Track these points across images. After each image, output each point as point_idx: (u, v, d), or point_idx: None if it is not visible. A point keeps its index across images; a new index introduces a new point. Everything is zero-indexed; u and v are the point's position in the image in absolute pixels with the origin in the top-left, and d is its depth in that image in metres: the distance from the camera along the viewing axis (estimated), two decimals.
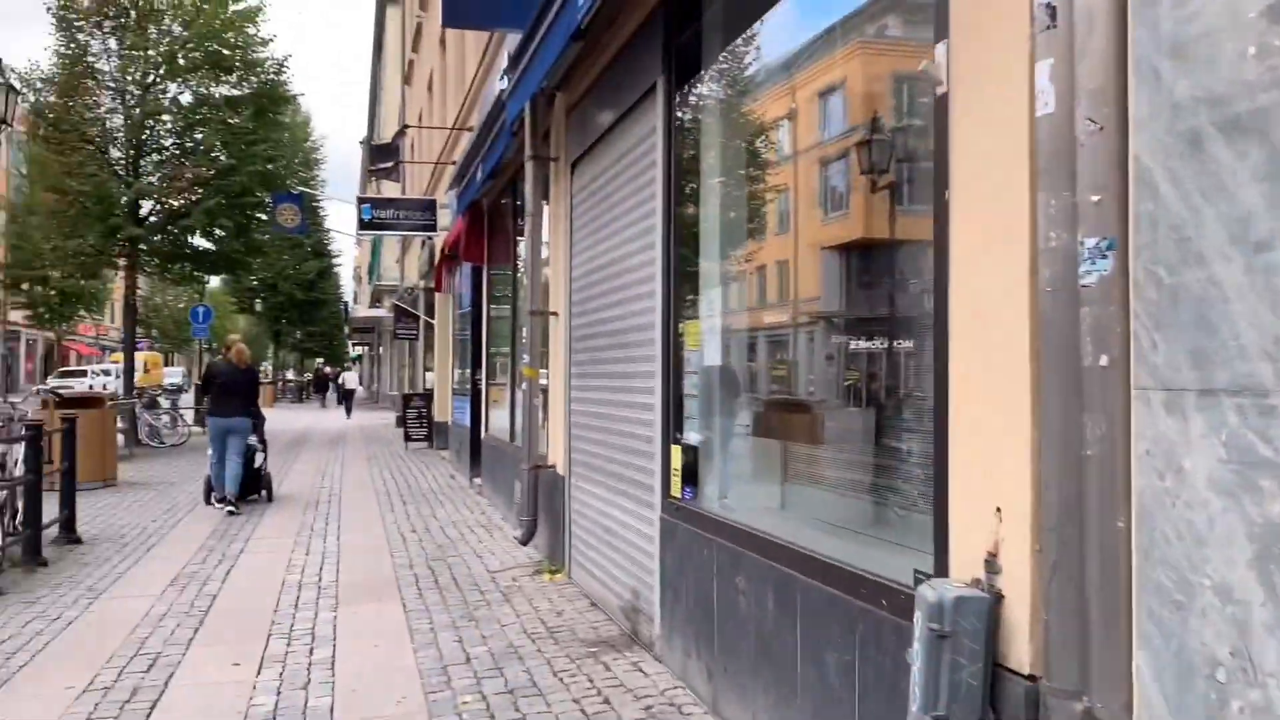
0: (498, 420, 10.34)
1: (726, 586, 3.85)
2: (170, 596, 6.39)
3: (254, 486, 10.94)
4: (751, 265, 4.25)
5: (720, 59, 4.56)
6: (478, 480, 11.49)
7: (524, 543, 7.18)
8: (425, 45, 19.21)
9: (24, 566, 7.25)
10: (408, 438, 17.47)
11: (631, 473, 5.30)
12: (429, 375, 19.72)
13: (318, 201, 52.34)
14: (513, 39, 7.36)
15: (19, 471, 7.64)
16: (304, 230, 36.68)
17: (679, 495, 4.58)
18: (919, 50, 2.73)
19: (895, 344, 3.04)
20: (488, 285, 10.98)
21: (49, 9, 18.02)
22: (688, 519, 4.40)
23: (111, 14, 18.32)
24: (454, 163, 13.71)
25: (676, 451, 4.64)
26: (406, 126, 12.42)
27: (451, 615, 5.80)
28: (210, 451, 10.65)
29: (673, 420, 4.69)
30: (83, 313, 52.60)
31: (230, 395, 10.58)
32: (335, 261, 60.16)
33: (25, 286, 48.35)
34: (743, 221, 4.34)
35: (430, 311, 19.22)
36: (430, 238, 17.58)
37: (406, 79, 24.22)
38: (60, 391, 9.56)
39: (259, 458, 10.98)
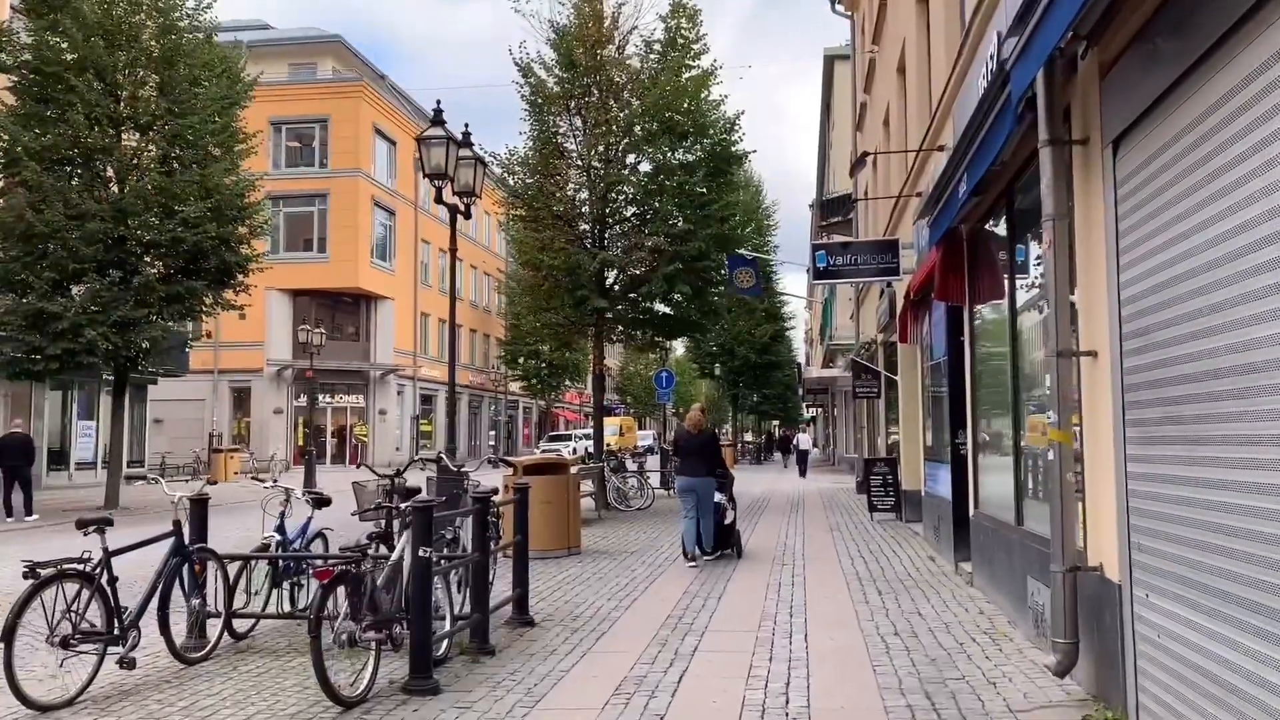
0: (992, 493, 8.36)
1: None
2: (611, 713, 5.30)
3: (724, 542, 11.61)
4: None
5: None
6: (965, 567, 9.52)
7: (1059, 674, 5.20)
8: (879, 81, 17.86)
9: (471, 654, 6.66)
10: (873, 508, 15.83)
11: (1271, 597, 3.25)
12: (892, 436, 17.97)
13: (771, 266, 53.37)
14: (1010, 6, 5.64)
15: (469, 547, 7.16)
16: (759, 292, 36.66)
17: None
18: None
19: None
20: (970, 328, 9.10)
21: (522, 96, 19.23)
22: None
23: (577, 94, 19.20)
24: (918, 194, 12.06)
25: None
26: (866, 155, 11.08)
27: None
28: (682, 510, 11.48)
29: None
30: (567, 382, 57.96)
31: (690, 457, 11.43)
32: (787, 324, 60.75)
33: (521, 360, 54.50)
34: None
35: (891, 367, 17.56)
36: (890, 284, 15.99)
37: (858, 124, 23.03)
38: (509, 459, 9.23)
39: (729, 515, 11.63)
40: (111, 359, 19.76)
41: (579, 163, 19.29)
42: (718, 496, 11.41)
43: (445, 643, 6.57)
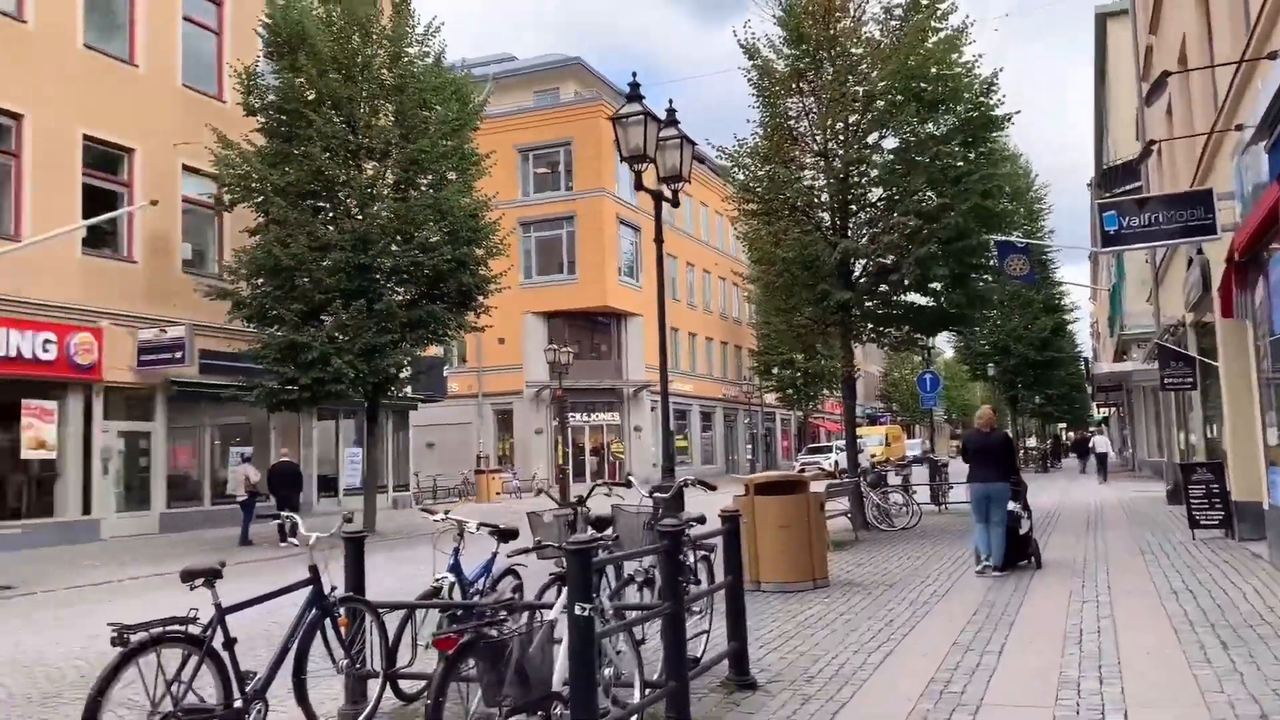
0: None
1: None
2: None
3: (1021, 553, 10.88)
4: None
5: None
6: None
7: None
8: (1171, 8, 14.88)
9: None
10: (1194, 523, 12.92)
11: None
12: (1214, 435, 14.88)
13: (1045, 254, 48.67)
14: None
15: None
16: (1033, 279, 33.01)
17: None
18: None
19: None
20: None
21: (749, 81, 17.72)
22: None
23: (808, 71, 17.47)
24: (1238, 127, 9.46)
25: None
26: (1166, 74, 8.62)
27: None
28: (973, 518, 10.85)
29: None
30: (825, 391, 55.55)
31: (984, 461, 10.71)
32: (1069, 317, 55.36)
33: (775, 370, 52.78)
34: None
35: (1205, 353, 14.51)
36: (1201, 248, 13.08)
37: (1143, 74, 19.74)
38: (707, 481, 7.66)
39: (1024, 524, 10.90)
40: (359, 386, 20.02)
41: (814, 146, 17.51)
42: (1011, 505, 10.62)
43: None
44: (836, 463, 39.97)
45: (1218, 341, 12.47)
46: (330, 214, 20.40)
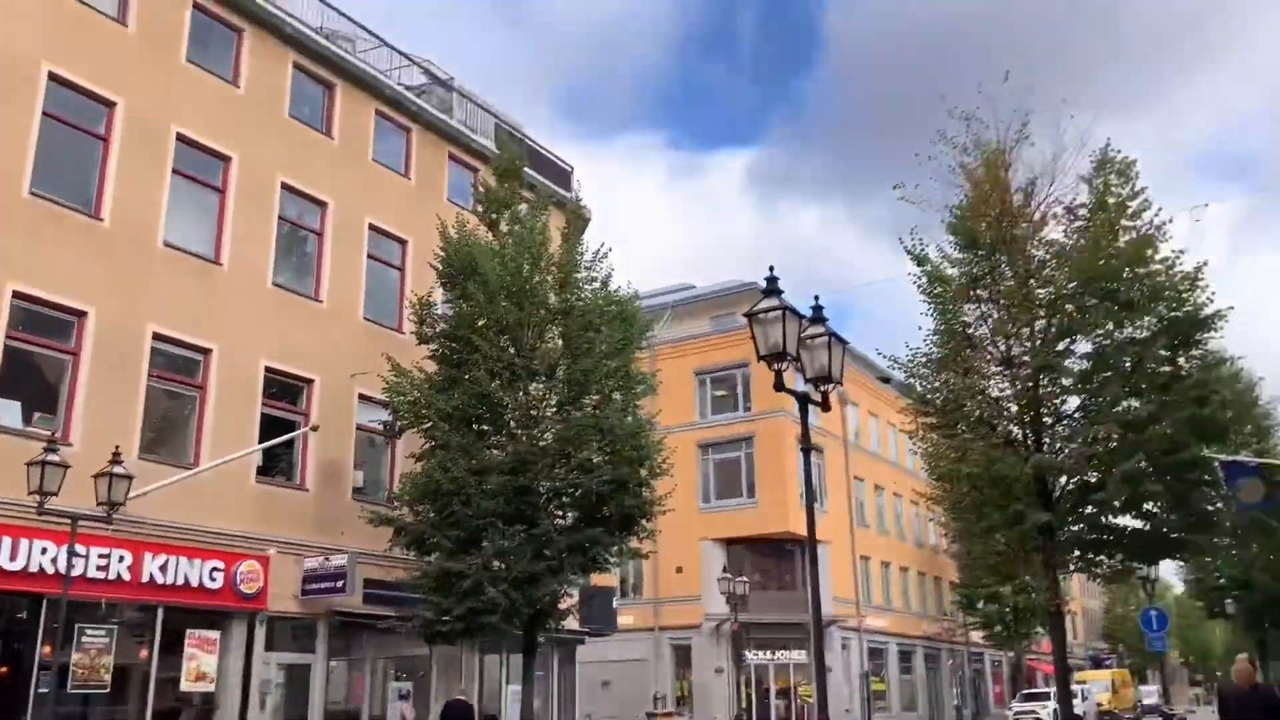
0: None
1: None
2: None
3: None
4: None
5: None
6: None
7: None
8: None
9: None
10: None
11: None
12: None
13: None
14: None
15: None
16: (1272, 504, 29.23)
17: None
18: None
19: None
20: None
21: (919, 287, 16.68)
22: None
23: (985, 276, 16.32)
24: None
25: None
26: None
27: None
28: None
29: None
30: (1039, 628, 50.28)
31: None
32: None
33: (979, 604, 48.35)
34: None
35: None
36: None
37: None
38: None
39: None
40: (514, 617, 19.04)
41: (996, 353, 16.07)
42: None
43: None
44: (1057, 711, 35.29)
45: None
46: (493, 436, 20.21)
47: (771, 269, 8.88)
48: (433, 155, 26.19)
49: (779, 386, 8.77)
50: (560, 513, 20.27)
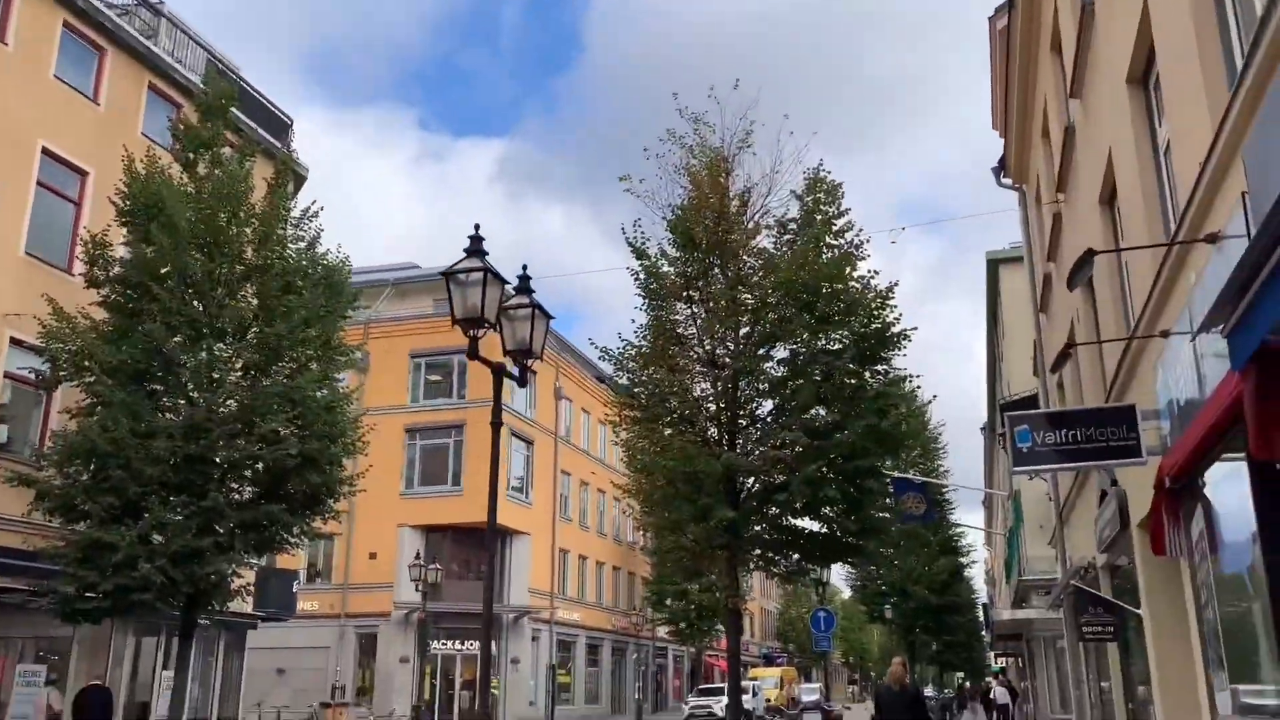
0: None
1: None
2: None
3: None
4: None
5: None
6: None
7: None
8: (1071, 231, 14.38)
9: None
10: None
11: None
12: (1141, 695, 13.16)
13: (942, 493, 48.20)
14: None
15: None
16: (931, 519, 31.86)
17: None
18: None
19: None
20: None
21: (636, 280, 16.67)
22: None
23: (697, 277, 16.54)
24: (1163, 334, 8.33)
25: None
26: (1092, 252, 7.42)
27: None
28: None
29: None
30: (719, 627, 52.73)
31: (894, 716, 11.12)
32: (965, 560, 54.59)
33: (668, 601, 49.95)
34: None
35: (1124, 593, 13.02)
36: (1114, 482, 11.84)
37: (1041, 305, 19.38)
38: None
39: None
40: (172, 596, 17.22)
41: (702, 353, 16.31)
42: None
43: None
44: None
45: (1140, 586, 10.95)
46: (165, 398, 18.20)
47: (476, 228, 8.23)
48: (130, 82, 23.45)
49: (473, 354, 8.14)
50: (237, 486, 18.59)
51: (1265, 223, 4.61)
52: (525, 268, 8.82)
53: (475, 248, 8.15)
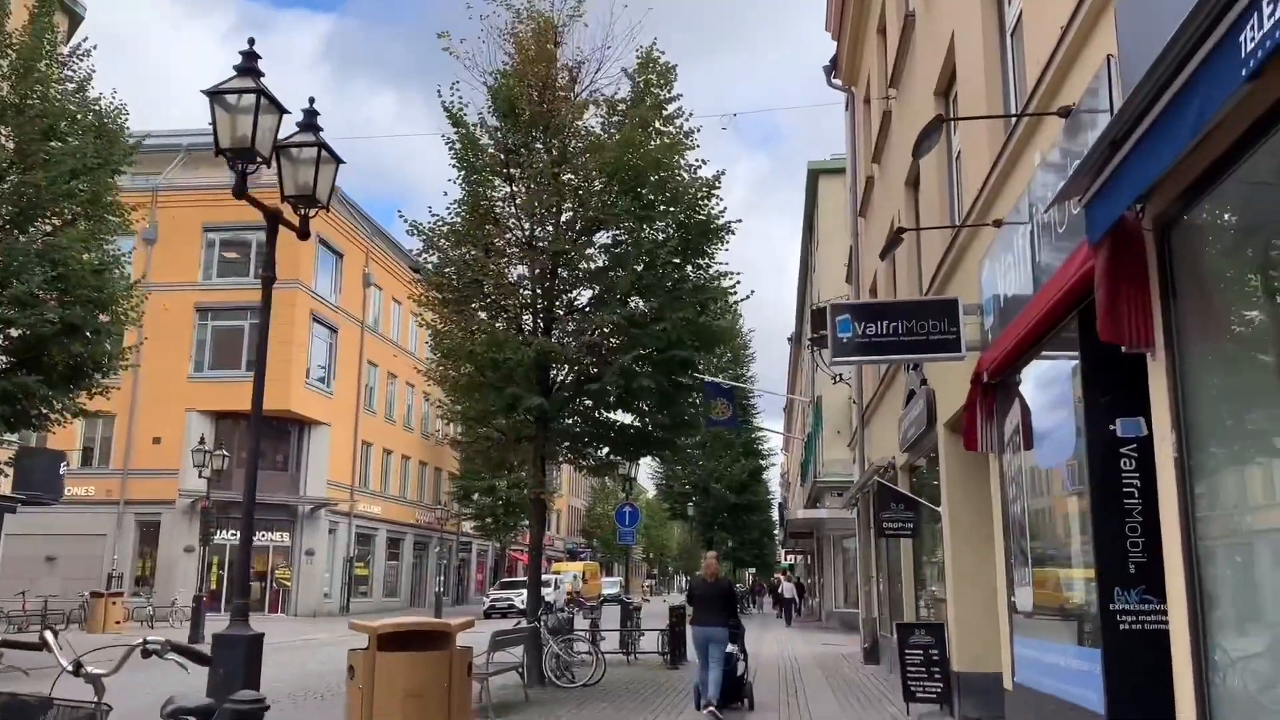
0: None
1: None
2: None
3: (736, 694, 11.73)
4: None
5: None
6: None
7: None
8: (901, 124, 14.10)
9: None
10: (910, 694, 11.13)
11: None
12: (934, 591, 13.50)
13: (748, 399, 49.39)
14: None
15: None
16: (735, 423, 32.19)
17: None
18: None
19: None
20: (1175, 385, 4.87)
21: (452, 149, 15.39)
22: None
23: (518, 151, 15.42)
24: (995, 222, 8.03)
25: None
26: (940, 120, 7.00)
27: None
28: (696, 659, 11.63)
29: None
30: (525, 522, 52.75)
31: (707, 607, 11.38)
32: (765, 462, 56.61)
33: (475, 497, 49.38)
34: None
35: (922, 491, 13.22)
36: (924, 381, 11.82)
37: (861, 209, 19.33)
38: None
39: (740, 666, 11.83)
40: None
41: (519, 235, 15.31)
42: (730, 647, 11.41)
43: None
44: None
45: (942, 482, 11.00)
46: None
47: (251, 42, 6.90)
48: None
49: (239, 193, 6.93)
50: None
51: (1143, 80, 4.10)
52: (312, 101, 7.60)
53: (250, 65, 6.86)
